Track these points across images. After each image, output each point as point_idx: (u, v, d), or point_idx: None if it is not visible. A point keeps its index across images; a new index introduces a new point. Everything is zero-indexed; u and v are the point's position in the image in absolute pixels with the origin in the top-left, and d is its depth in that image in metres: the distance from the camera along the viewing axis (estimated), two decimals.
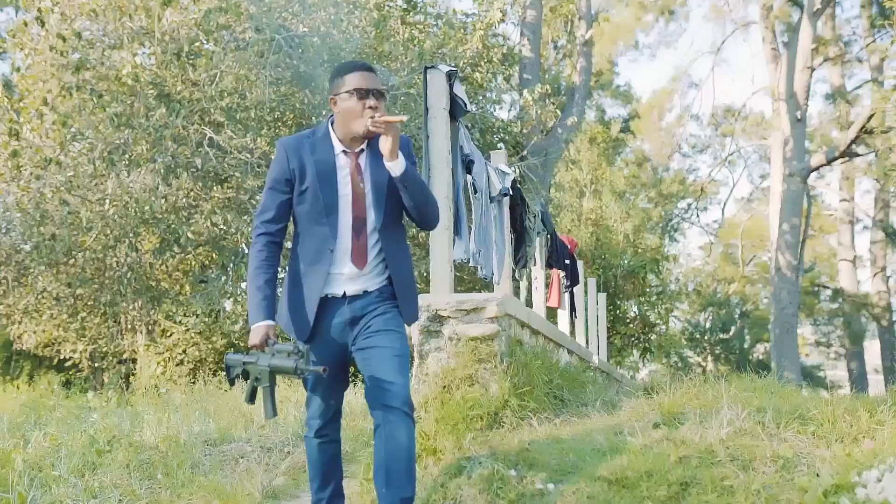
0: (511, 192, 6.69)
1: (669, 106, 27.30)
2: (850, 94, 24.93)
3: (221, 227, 10.32)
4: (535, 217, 7.80)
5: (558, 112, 15.54)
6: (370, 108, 2.93)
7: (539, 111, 13.77)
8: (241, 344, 12.36)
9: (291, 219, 3.10)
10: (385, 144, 2.89)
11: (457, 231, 5.36)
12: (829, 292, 30.48)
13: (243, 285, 11.01)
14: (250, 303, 2.96)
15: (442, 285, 5.09)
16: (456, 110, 5.17)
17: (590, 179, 20.02)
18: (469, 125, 11.64)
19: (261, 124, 10.29)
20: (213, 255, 11.44)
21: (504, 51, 13.86)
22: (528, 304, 8.66)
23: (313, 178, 2.97)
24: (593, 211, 19.32)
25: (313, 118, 10.49)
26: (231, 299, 11.50)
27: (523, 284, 8.64)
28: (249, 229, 10.01)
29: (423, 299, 4.71)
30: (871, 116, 17.72)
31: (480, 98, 13.19)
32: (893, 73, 17.11)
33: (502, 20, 12.90)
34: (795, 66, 19.67)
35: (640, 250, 19.42)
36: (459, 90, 5.15)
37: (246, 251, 10.62)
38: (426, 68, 5.11)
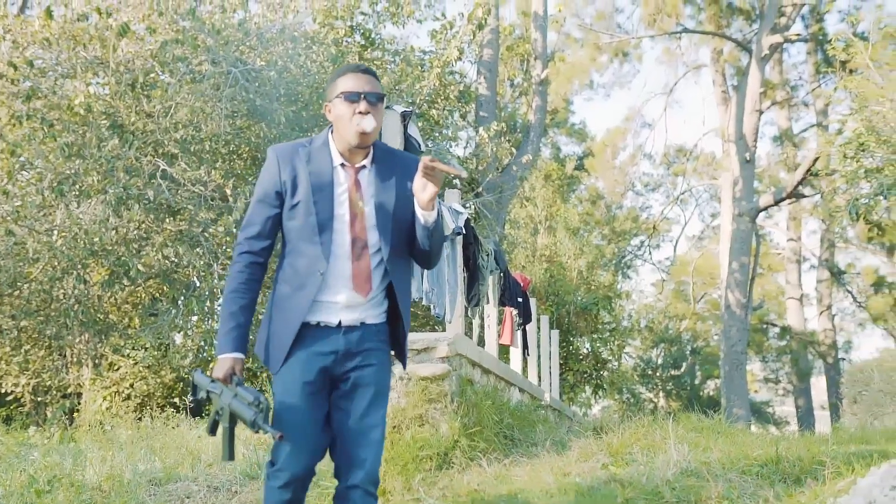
0: (464, 231, 6.74)
1: (623, 145, 27.79)
2: (797, 137, 25.66)
3: (173, 259, 10.19)
4: (488, 255, 7.85)
5: (513, 150, 15.72)
6: (359, 113, 2.64)
7: (495, 148, 13.92)
8: (191, 378, 12.14)
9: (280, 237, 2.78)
10: (426, 193, 2.57)
11: None
12: (777, 330, 31.03)
13: (194, 319, 10.85)
14: (220, 330, 2.67)
15: None
16: (410, 150, 5.21)
17: (544, 216, 20.21)
18: None
19: (215, 157, 10.23)
20: (164, 288, 11.28)
21: (461, 88, 14.02)
22: (481, 341, 8.68)
23: (306, 192, 2.65)
24: (547, 247, 19.49)
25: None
26: (181, 333, 11.33)
27: (476, 322, 8.67)
28: (202, 262, 9.90)
29: None
30: (816, 159, 18.21)
31: (437, 135, 13.29)
32: (837, 117, 17.63)
33: (459, 58, 13.05)
34: (744, 108, 20.20)
35: (593, 287, 19.61)
36: (414, 130, 5.21)
37: (198, 284, 10.49)
38: None
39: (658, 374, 29.54)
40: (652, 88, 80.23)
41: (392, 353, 2.82)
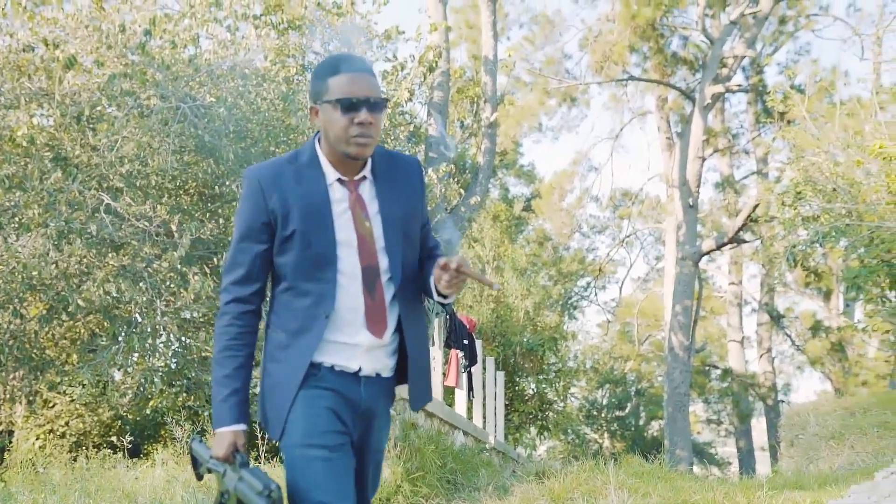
0: None
1: (570, 187, 28.17)
2: (738, 183, 26.34)
3: (114, 295, 9.99)
4: None
5: (462, 191, 15.86)
6: (359, 123, 2.17)
7: (444, 189, 14.02)
8: (130, 416, 11.84)
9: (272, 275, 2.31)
10: (448, 290, 2.19)
11: None
12: (719, 372, 31.52)
13: (135, 356, 10.62)
14: (214, 399, 2.20)
15: None
16: None
17: (492, 257, 20.35)
18: None
19: (161, 192, 10.13)
20: (105, 324, 11.03)
21: (411, 129, 14.14)
22: None
23: (300, 219, 2.18)
24: None
25: (216, 188, 10.40)
26: (121, 370, 11.08)
27: None
28: (144, 299, 9.72)
29: None
30: (756, 206, 18.72)
31: None
32: (776, 166, 18.20)
33: (410, 99, 13.17)
34: (688, 155, 20.69)
35: (539, 328, 19.72)
36: None
37: (140, 321, 10.28)
38: None
39: (603, 414, 29.72)
40: (599, 133, 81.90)
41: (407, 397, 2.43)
